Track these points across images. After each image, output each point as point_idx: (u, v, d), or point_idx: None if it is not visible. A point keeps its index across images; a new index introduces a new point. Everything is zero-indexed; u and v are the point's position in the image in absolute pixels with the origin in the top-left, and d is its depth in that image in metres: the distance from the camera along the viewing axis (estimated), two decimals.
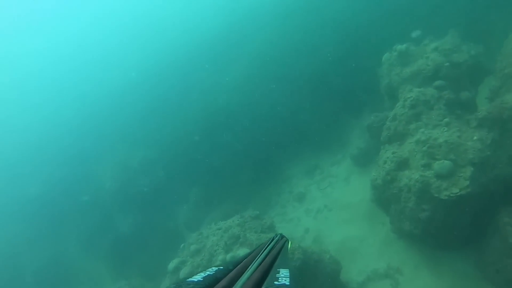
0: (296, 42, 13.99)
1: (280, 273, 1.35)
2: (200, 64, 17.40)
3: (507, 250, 5.66)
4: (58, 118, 22.84)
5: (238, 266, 1.44)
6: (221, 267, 1.37)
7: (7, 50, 32.62)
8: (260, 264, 1.44)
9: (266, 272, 1.38)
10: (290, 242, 2.19)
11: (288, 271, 1.38)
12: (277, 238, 2.04)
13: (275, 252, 1.75)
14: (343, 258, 8.64)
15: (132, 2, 29.84)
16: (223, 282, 1.20)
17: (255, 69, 14.74)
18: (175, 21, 24.00)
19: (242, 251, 7.02)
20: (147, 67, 21.02)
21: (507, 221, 5.76)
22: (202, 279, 1.18)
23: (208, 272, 1.27)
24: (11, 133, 23.85)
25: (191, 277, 1.18)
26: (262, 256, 1.56)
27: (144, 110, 17.76)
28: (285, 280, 1.26)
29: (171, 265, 8.08)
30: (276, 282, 1.23)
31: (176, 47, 20.88)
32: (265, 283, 1.23)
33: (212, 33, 18.68)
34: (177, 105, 16.36)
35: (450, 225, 6.36)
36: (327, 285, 7.55)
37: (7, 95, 28.58)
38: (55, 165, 17.64)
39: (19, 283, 14.36)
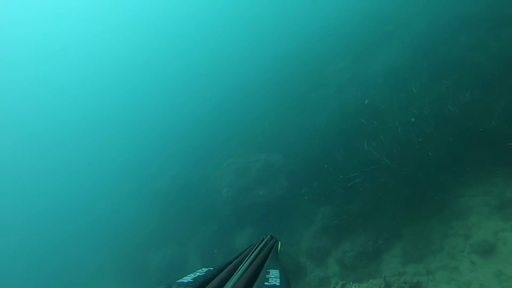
0: None
1: (271, 273, 1.33)
2: (337, 50, 14.93)
3: None
4: (184, 118, 24.49)
5: (228, 267, 1.42)
6: (211, 268, 1.34)
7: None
8: (250, 264, 1.45)
9: (256, 272, 1.38)
10: (280, 243, 2.08)
11: (278, 272, 1.35)
12: (267, 238, 2.03)
13: (265, 253, 1.74)
14: None
15: None
16: (214, 283, 1.19)
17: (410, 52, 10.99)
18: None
19: None
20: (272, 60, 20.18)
21: None
22: (192, 280, 1.16)
23: (198, 273, 1.25)
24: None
25: (181, 278, 1.16)
26: (252, 256, 1.57)
27: (268, 105, 16.42)
28: (275, 280, 1.23)
29: None
30: (266, 283, 1.20)
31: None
32: (256, 283, 1.22)
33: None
34: (308, 101, 14.24)
35: None
36: None
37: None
38: (181, 165, 18.43)
39: (143, 274, 15.16)
